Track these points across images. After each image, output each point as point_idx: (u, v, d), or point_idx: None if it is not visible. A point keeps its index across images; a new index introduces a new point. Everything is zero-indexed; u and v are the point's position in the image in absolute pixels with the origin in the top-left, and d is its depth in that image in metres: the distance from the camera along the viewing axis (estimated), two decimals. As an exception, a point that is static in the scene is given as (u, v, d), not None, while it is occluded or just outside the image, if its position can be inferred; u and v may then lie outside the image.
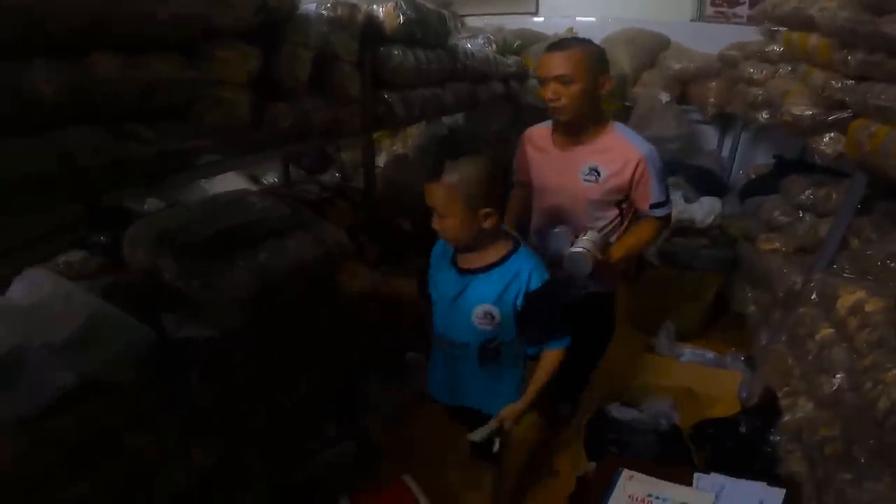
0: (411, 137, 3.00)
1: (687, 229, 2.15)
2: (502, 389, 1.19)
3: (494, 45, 2.67)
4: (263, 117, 1.18)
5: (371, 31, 1.53)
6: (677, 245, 2.13)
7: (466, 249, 1.13)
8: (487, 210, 1.03)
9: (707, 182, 2.46)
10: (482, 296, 1.10)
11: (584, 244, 1.29)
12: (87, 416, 0.96)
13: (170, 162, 1.01)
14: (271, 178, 2.35)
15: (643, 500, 1.17)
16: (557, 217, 1.41)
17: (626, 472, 1.23)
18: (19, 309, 1.04)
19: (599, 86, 1.28)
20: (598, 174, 1.32)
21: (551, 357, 1.15)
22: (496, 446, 1.13)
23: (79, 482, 0.94)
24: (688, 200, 2.28)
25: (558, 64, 1.24)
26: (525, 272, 1.09)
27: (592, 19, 3.31)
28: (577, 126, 1.32)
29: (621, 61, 2.95)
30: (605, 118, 1.36)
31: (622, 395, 1.68)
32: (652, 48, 3.02)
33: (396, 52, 1.59)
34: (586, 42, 1.31)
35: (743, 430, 1.41)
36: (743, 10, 2.96)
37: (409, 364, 1.93)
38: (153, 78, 0.91)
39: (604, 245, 1.33)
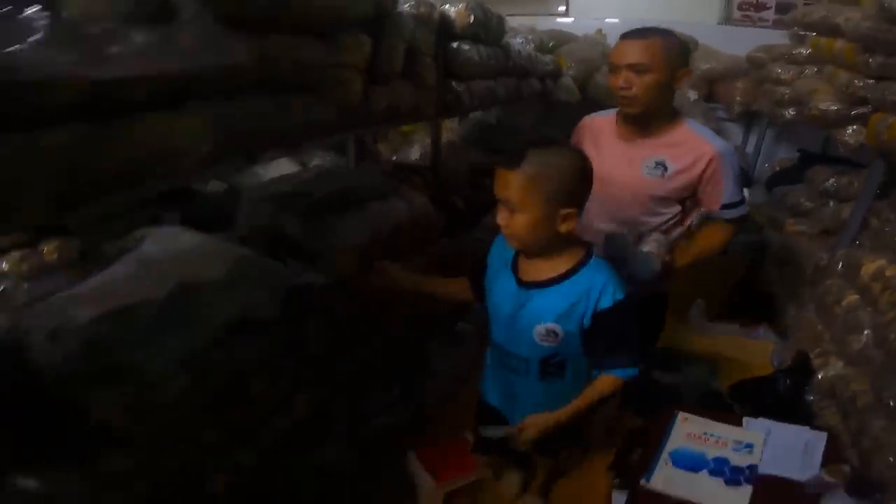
0: (447, 130, 3.23)
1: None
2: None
3: (532, 45, 2.91)
4: (367, 98, 1.40)
5: (444, 28, 1.76)
6: (707, 231, 2.35)
7: (532, 255, 1.02)
8: (569, 210, 0.93)
9: (733, 175, 2.68)
10: (545, 313, 1.01)
11: (651, 245, 1.26)
12: (239, 352, 1.13)
13: (303, 132, 1.22)
14: (317, 161, 2.55)
15: (700, 437, 1.35)
16: (613, 212, 1.34)
17: (681, 415, 1.43)
18: (170, 258, 1.24)
19: (676, 78, 1.24)
20: (665, 169, 1.27)
21: (609, 382, 1.04)
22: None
23: (223, 417, 1.10)
24: (716, 191, 2.49)
25: (634, 52, 1.21)
26: (596, 288, 0.98)
27: (618, 20, 3.55)
28: (646, 118, 1.28)
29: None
30: (677, 113, 1.32)
31: (661, 362, 1.88)
32: (680, 49, 3.26)
33: (465, 48, 1.81)
34: (666, 32, 1.26)
35: (780, 387, 1.61)
36: (769, 14, 3.19)
37: (462, 334, 2.13)
38: (303, 58, 1.12)
39: (669, 247, 1.31)
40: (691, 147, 1.26)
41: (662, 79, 1.22)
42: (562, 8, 3.87)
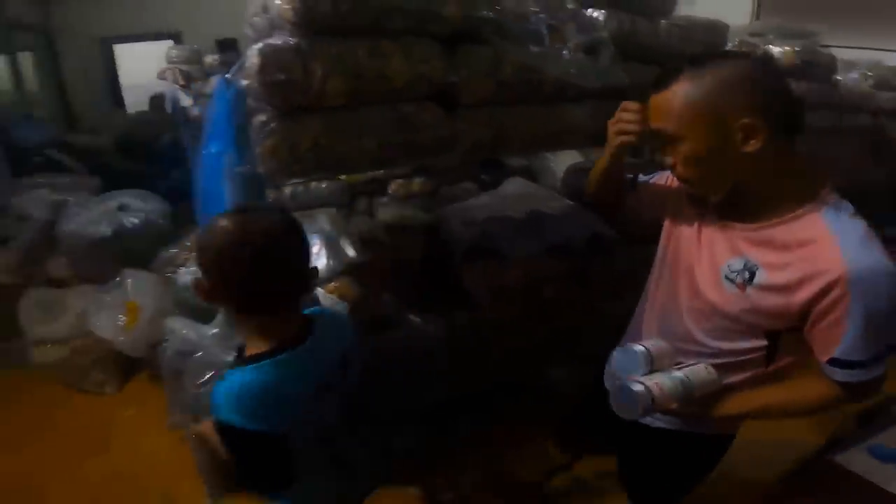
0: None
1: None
2: None
3: (871, 80, 2.97)
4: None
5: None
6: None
7: None
8: (219, 294, 0.84)
9: None
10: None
11: (654, 381, 0.93)
12: (552, 267, 1.91)
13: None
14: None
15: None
16: (666, 318, 1.03)
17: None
18: (520, 195, 2.14)
19: (740, 140, 0.80)
20: (752, 277, 0.88)
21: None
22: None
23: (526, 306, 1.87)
24: None
25: (656, 112, 0.87)
26: (216, 395, 0.84)
27: None
28: (738, 198, 0.89)
29: None
30: (805, 192, 0.84)
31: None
32: None
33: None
34: (713, 65, 0.81)
35: None
36: None
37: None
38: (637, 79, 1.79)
39: (710, 390, 0.96)
40: (807, 253, 0.82)
41: (704, 146, 0.83)
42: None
